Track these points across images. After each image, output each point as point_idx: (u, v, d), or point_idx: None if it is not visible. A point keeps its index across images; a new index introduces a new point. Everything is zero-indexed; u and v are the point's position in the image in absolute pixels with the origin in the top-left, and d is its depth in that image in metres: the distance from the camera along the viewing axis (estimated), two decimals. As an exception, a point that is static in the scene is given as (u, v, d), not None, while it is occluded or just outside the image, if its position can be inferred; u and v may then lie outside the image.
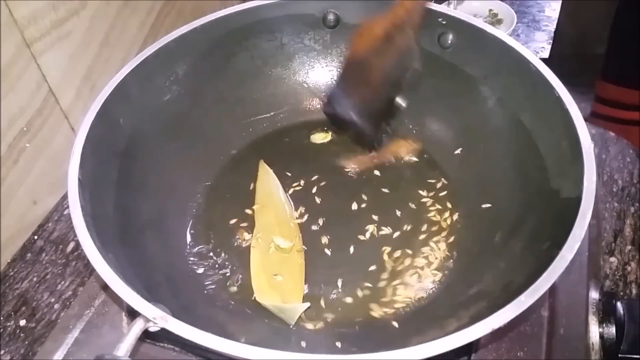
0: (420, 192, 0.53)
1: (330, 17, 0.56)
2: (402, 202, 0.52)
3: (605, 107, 0.97)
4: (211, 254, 0.49)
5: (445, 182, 0.53)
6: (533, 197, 0.45)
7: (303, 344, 0.42)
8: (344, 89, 0.50)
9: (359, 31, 0.50)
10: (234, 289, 0.47)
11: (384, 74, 0.48)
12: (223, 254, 0.49)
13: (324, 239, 0.50)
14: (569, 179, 0.40)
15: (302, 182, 0.54)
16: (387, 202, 0.52)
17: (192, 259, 0.49)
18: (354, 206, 0.52)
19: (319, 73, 0.60)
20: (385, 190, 0.53)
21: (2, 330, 0.48)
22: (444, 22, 0.52)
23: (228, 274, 0.48)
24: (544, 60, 0.46)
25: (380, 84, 0.49)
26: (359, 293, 0.46)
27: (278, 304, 0.44)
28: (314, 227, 0.51)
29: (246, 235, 0.50)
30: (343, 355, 0.30)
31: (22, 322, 0.48)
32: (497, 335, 0.44)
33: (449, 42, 0.52)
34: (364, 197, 0.53)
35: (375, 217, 0.51)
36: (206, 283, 0.47)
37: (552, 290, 0.46)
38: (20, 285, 0.51)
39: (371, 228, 0.50)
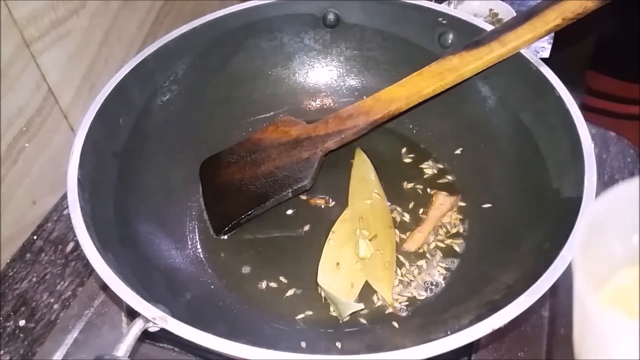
0: (420, 192, 0.53)
1: (330, 16, 0.56)
2: (401, 203, 0.52)
3: (596, 99, 0.96)
4: (211, 253, 0.49)
5: (445, 182, 0.53)
6: (533, 197, 0.45)
7: (303, 344, 0.42)
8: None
9: (275, 122, 0.53)
10: (234, 288, 0.47)
11: (274, 167, 0.50)
12: (222, 254, 0.49)
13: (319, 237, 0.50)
14: (570, 179, 0.40)
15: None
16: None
17: (191, 258, 0.48)
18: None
19: (319, 73, 0.59)
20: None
21: (1, 330, 0.47)
22: (444, 22, 0.52)
23: (228, 274, 0.48)
24: (544, 60, 0.46)
25: (265, 174, 0.50)
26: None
27: (334, 295, 0.44)
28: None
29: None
30: (343, 356, 0.30)
31: (22, 323, 0.48)
32: (497, 335, 0.44)
33: (449, 41, 0.52)
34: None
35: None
36: (206, 283, 0.47)
37: (553, 291, 0.46)
38: (19, 285, 0.51)
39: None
